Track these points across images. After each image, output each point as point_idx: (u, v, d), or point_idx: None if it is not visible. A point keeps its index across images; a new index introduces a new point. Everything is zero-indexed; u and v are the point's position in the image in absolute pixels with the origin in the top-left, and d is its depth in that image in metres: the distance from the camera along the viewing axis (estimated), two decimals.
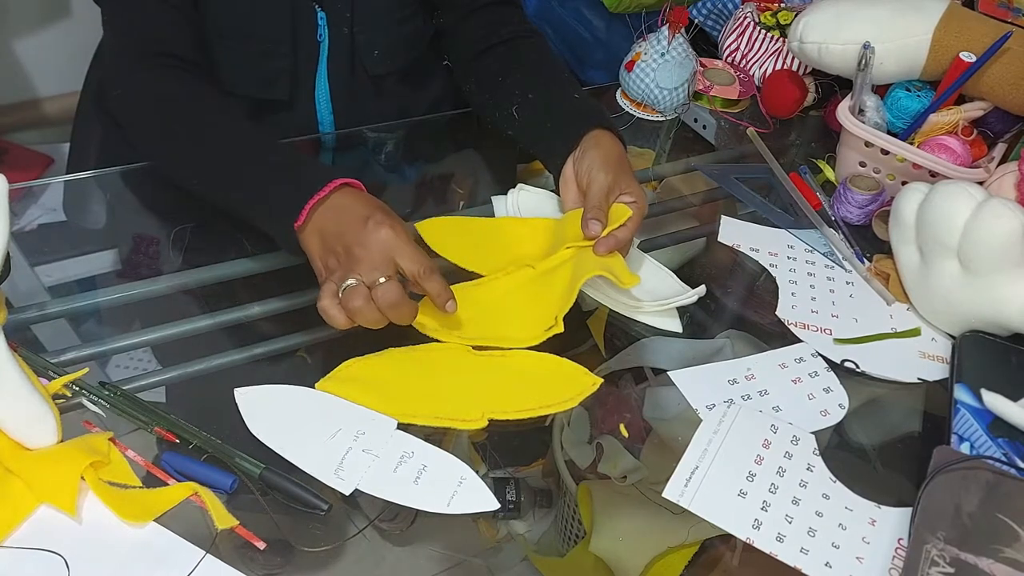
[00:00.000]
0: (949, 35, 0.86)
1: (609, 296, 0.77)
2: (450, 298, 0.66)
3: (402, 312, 0.63)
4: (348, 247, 0.63)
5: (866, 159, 0.91)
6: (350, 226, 0.63)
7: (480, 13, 0.93)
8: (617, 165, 0.76)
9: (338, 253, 0.64)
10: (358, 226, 0.63)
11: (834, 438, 0.68)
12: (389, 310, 0.62)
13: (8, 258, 0.64)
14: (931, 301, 0.77)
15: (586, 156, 0.76)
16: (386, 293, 0.62)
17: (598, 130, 0.78)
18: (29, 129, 1.62)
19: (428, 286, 0.65)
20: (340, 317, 0.62)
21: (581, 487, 0.65)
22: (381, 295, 0.62)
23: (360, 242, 0.63)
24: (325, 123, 0.93)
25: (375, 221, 0.63)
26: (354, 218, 0.64)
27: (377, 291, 0.62)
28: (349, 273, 0.62)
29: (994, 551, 0.55)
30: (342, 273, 0.63)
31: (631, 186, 0.75)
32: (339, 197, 0.66)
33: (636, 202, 0.74)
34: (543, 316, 0.72)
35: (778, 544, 0.58)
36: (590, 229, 0.73)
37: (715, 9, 1.18)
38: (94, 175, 0.88)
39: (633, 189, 0.75)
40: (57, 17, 1.56)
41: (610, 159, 0.76)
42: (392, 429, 0.62)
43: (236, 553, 0.55)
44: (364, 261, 0.62)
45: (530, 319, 0.73)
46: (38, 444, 0.57)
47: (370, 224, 0.63)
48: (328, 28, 0.87)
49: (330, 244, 0.64)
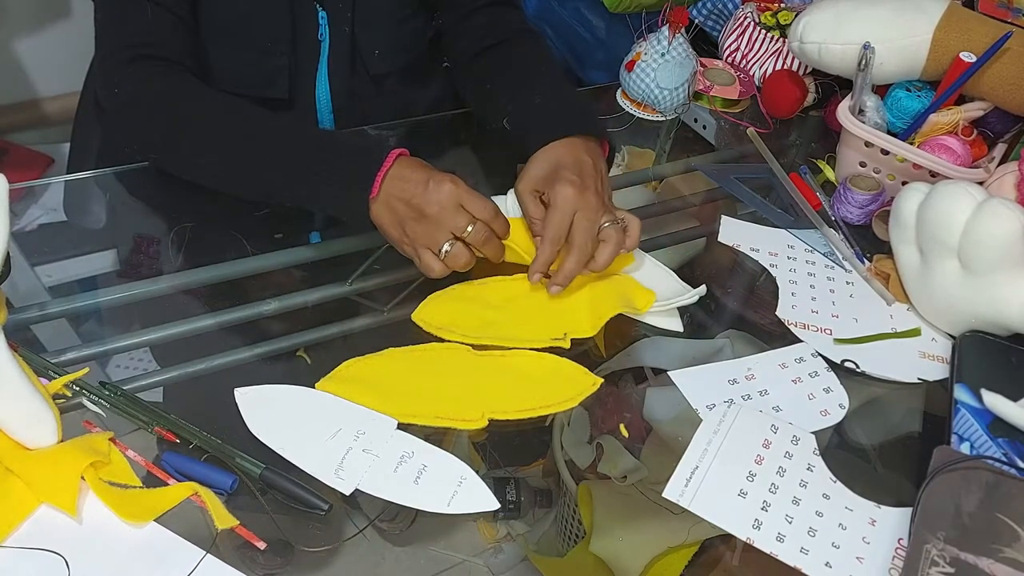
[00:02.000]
0: (949, 35, 0.86)
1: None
2: (508, 231, 0.73)
3: (493, 247, 0.71)
4: (420, 210, 0.68)
5: (866, 159, 0.91)
6: (415, 191, 0.68)
7: (479, 14, 0.93)
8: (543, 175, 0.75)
9: (413, 218, 0.69)
10: (422, 188, 0.68)
11: (834, 438, 0.68)
12: (484, 247, 0.70)
13: (8, 258, 0.64)
14: (931, 301, 0.77)
15: (525, 168, 0.77)
16: (478, 234, 0.69)
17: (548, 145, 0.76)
18: (29, 129, 1.63)
19: (495, 225, 0.71)
20: (441, 268, 0.70)
21: (581, 487, 0.65)
22: (474, 238, 0.69)
23: (430, 201, 0.68)
24: (325, 122, 0.93)
25: (435, 180, 0.68)
26: (416, 183, 0.69)
27: (469, 237, 0.69)
28: (436, 233, 0.68)
29: (994, 551, 0.55)
30: (429, 237, 0.69)
31: (554, 187, 0.72)
32: (399, 167, 0.70)
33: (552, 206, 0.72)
34: (549, 324, 0.72)
35: (778, 544, 0.58)
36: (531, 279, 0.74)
37: (715, 9, 1.18)
38: (94, 175, 0.88)
39: (555, 191, 0.72)
40: (57, 17, 1.56)
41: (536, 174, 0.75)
42: (392, 429, 0.62)
43: (236, 553, 0.55)
44: (443, 218, 0.68)
45: (536, 324, 0.73)
46: (38, 444, 0.57)
47: (431, 184, 0.68)
48: (329, 27, 0.87)
49: (402, 212, 0.69)
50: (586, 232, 0.71)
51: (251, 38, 0.84)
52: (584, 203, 0.72)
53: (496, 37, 0.91)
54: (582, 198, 0.72)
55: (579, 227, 0.71)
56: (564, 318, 0.73)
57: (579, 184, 0.72)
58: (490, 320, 0.72)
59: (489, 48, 0.91)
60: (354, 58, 0.90)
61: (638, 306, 0.74)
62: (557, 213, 0.71)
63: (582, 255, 0.71)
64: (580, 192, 0.72)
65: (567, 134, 0.77)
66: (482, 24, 0.92)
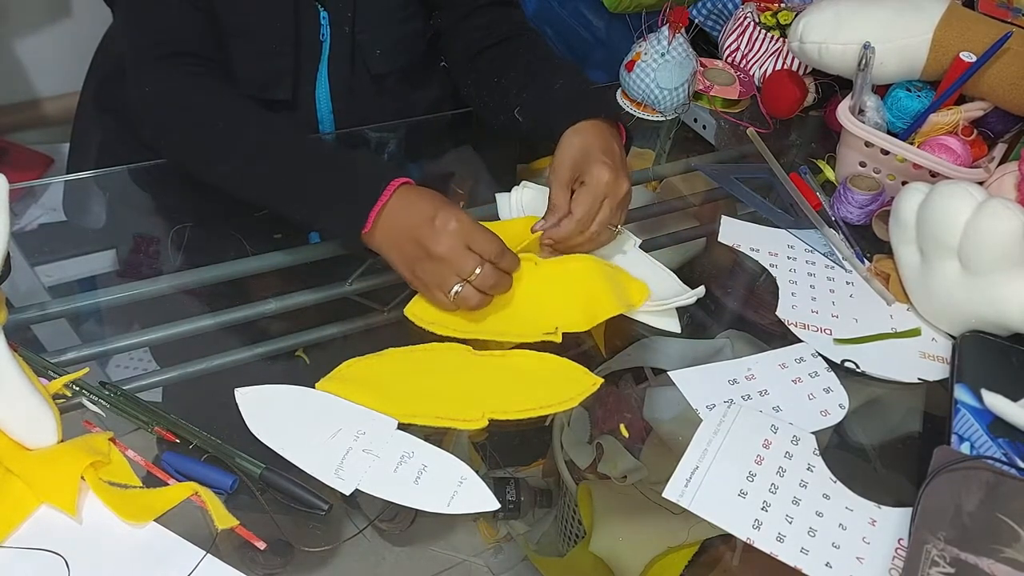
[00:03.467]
0: (949, 35, 0.86)
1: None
2: (518, 265, 0.72)
3: (503, 287, 0.70)
4: (428, 250, 0.67)
5: (866, 159, 0.91)
6: (421, 229, 0.67)
7: (479, 13, 0.93)
8: (578, 153, 0.75)
9: (422, 259, 0.68)
10: (428, 228, 0.67)
11: (834, 438, 0.68)
12: (493, 291, 0.69)
13: (8, 258, 0.64)
14: (931, 301, 0.77)
15: (555, 157, 0.76)
16: (486, 279, 0.68)
17: (576, 125, 0.77)
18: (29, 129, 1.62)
19: (503, 264, 0.69)
20: (455, 308, 0.70)
21: (581, 487, 0.65)
22: (483, 282, 0.68)
23: (439, 242, 0.67)
24: (325, 122, 0.93)
25: (441, 219, 0.67)
26: (422, 220, 0.67)
27: (477, 281, 0.68)
28: (445, 276, 0.67)
29: (994, 551, 0.55)
30: (439, 278, 0.68)
31: (591, 169, 0.73)
32: (400, 199, 0.68)
33: (585, 184, 0.73)
34: (541, 317, 0.72)
35: (778, 544, 0.58)
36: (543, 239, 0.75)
37: (715, 9, 1.18)
38: (94, 175, 0.88)
39: (591, 171, 0.73)
40: (57, 17, 1.56)
41: (572, 150, 0.75)
42: (392, 429, 0.62)
43: (236, 553, 0.55)
44: (451, 261, 0.67)
45: (528, 318, 0.73)
46: (38, 444, 0.57)
47: (438, 223, 0.67)
48: (330, 27, 0.87)
49: (409, 252, 0.68)
50: (601, 224, 0.74)
51: (256, 40, 0.84)
52: (615, 191, 0.73)
53: (497, 36, 0.91)
54: (616, 184, 0.73)
55: (602, 214, 0.73)
56: (556, 313, 0.73)
57: (614, 169, 0.73)
58: (482, 314, 0.73)
59: (491, 46, 0.91)
60: (354, 58, 0.90)
61: (633, 301, 0.73)
62: (590, 195, 0.72)
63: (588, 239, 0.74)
64: (615, 178, 0.73)
65: (595, 116, 0.78)
66: (483, 23, 0.93)
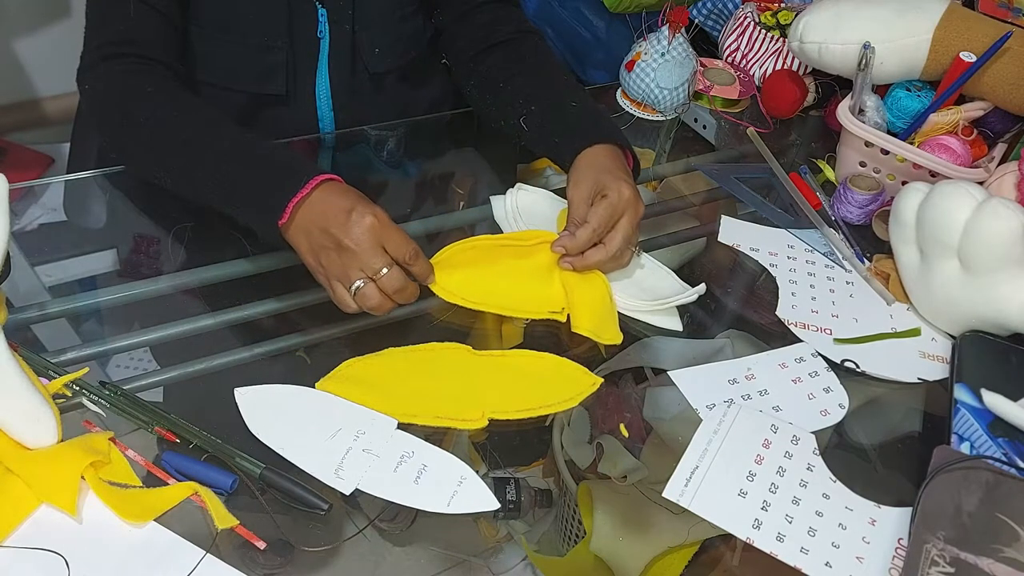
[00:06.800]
0: (949, 35, 0.86)
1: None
2: (431, 275, 0.71)
3: (407, 294, 0.67)
4: (337, 241, 0.65)
5: (866, 159, 0.91)
6: (335, 220, 0.65)
7: (479, 12, 0.93)
8: (600, 171, 0.75)
9: (329, 249, 0.66)
10: (342, 219, 0.65)
11: (834, 438, 0.68)
12: (396, 296, 0.67)
13: (8, 258, 0.64)
14: (931, 301, 0.77)
15: (573, 174, 0.76)
16: (391, 281, 0.66)
17: (594, 147, 0.77)
18: (29, 129, 1.63)
19: (415, 269, 0.68)
20: (354, 306, 0.67)
21: (581, 487, 0.65)
22: (387, 284, 0.65)
23: (349, 233, 0.65)
24: (325, 120, 0.93)
25: (358, 212, 0.65)
26: (337, 211, 0.66)
27: (382, 281, 0.65)
28: (349, 269, 0.65)
29: (994, 551, 0.55)
30: (342, 270, 0.66)
31: (613, 184, 0.73)
32: (320, 193, 0.67)
33: (607, 197, 0.73)
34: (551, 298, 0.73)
35: (778, 544, 0.58)
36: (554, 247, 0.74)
37: (715, 9, 1.18)
38: (94, 175, 0.88)
39: (613, 186, 0.73)
40: (57, 17, 1.56)
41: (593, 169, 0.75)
42: (392, 429, 0.62)
43: (236, 553, 0.55)
44: (358, 254, 0.65)
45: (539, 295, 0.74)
46: (38, 444, 0.57)
47: (354, 216, 0.65)
48: (329, 25, 0.87)
49: (318, 240, 0.66)
50: (625, 240, 0.73)
51: (247, 33, 0.84)
52: (635, 210, 0.73)
53: (498, 36, 0.91)
54: (636, 204, 0.73)
55: (621, 231, 0.73)
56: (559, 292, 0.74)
57: (634, 188, 0.74)
58: (493, 288, 0.73)
59: (493, 46, 0.91)
60: (354, 56, 0.90)
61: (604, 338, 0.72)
62: (610, 207, 0.72)
63: (611, 256, 0.73)
64: (635, 196, 0.73)
65: (609, 140, 0.78)
66: (483, 23, 0.92)
